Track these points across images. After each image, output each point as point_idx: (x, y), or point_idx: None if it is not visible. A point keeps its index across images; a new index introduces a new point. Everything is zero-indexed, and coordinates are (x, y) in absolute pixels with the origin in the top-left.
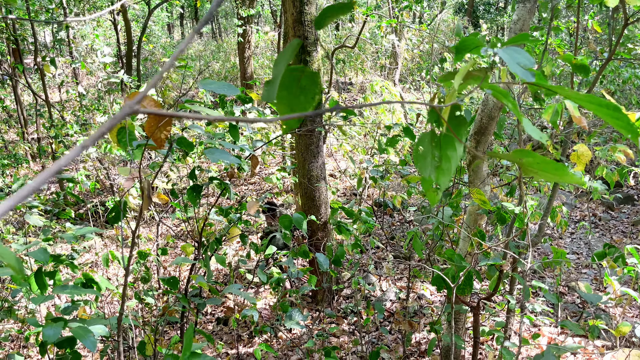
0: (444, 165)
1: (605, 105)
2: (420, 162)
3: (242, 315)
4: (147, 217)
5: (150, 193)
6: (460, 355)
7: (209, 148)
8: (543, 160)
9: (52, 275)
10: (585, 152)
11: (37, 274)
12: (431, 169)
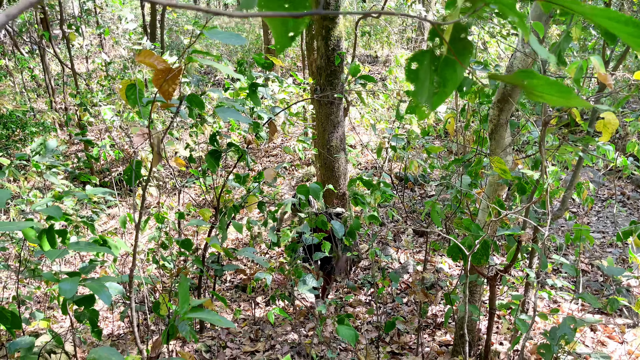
0: (441, 91)
1: (624, 22)
2: (417, 86)
3: (256, 277)
4: (169, 187)
5: (160, 149)
6: (476, 328)
7: (220, 106)
8: (547, 81)
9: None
10: (612, 120)
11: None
12: (428, 95)
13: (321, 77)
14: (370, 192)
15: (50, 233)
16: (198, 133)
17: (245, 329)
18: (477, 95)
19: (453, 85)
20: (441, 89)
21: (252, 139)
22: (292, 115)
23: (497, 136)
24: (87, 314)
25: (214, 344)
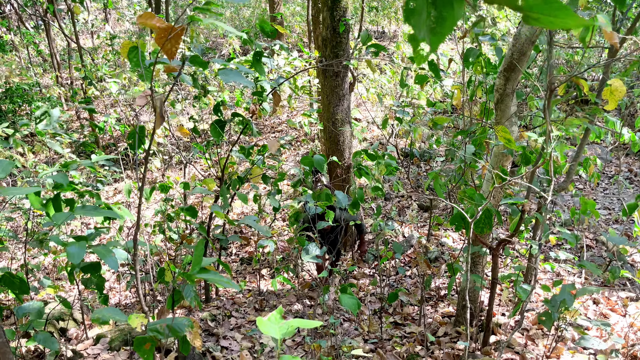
0: (439, 28)
1: None
2: (414, 19)
3: (259, 245)
4: (174, 162)
5: (162, 111)
6: (478, 298)
7: (224, 68)
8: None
9: (70, 202)
10: (620, 87)
11: (55, 198)
12: (425, 29)
13: (327, 49)
14: (375, 165)
15: (57, 200)
16: (202, 106)
17: (250, 299)
18: (484, 66)
19: (451, 23)
20: (439, 27)
21: (256, 109)
22: (298, 89)
23: (503, 106)
24: (94, 280)
25: (219, 313)
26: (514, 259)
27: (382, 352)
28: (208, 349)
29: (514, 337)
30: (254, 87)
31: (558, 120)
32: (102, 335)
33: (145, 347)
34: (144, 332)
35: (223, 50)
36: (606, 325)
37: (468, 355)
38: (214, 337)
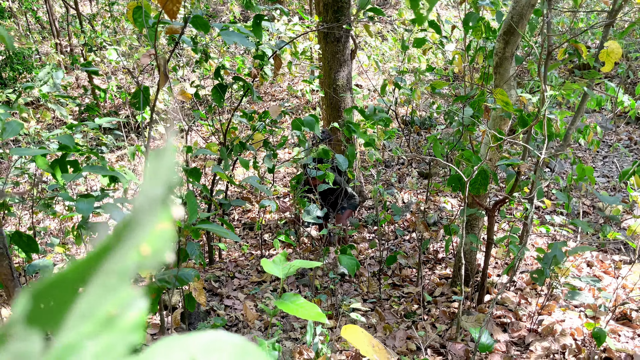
0: None
1: None
2: None
3: (260, 205)
4: (177, 129)
5: (166, 70)
6: (475, 260)
7: (225, 29)
8: None
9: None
10: (616, 48)
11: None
12: None
13: (328, 14)
14: (369, 124)
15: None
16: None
17: (253, 261)
18: (484, 31)
19: None
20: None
21: (257, 73)
22: (299, 54)
23: (502, 70)
24: None
25: (223, 274)
26: (510, 222)
27: (381, 310)
28: (212, 307)
29: (508, 295)
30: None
31: (556, 84)
32: None
33: (151, 297)
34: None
35: (223, 17)
36: (595, 282)
37: (463, 312)
38: (217, 297)
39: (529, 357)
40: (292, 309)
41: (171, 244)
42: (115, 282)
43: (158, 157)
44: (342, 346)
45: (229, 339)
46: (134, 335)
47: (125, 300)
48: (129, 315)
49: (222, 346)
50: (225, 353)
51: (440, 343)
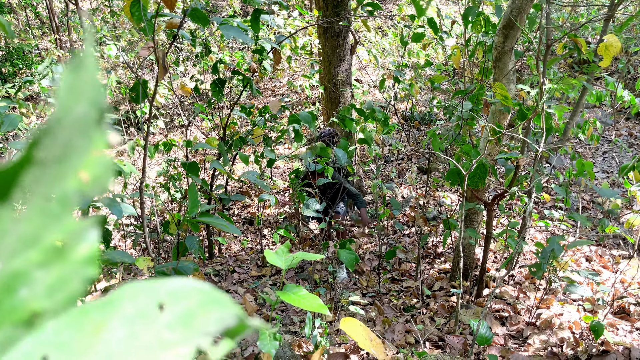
0: None
1: None
2: None
3: (259, 199)
4: (177, 124)
5: (165, 62)
6: (473, 254)
7: (224, 24)
8: None
9: None
10: (615, 42)
11: None
12: None
13: (327, 9)
14: (365, 119)
15: None
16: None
17: (253, 256)
18: (483, 26)
19: None
20: None
21: (256, 68)
22: (298, 49)
23: (501, 64)
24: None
25: (222, 268)
26: (509, 217)
27: (380, 304)
28: None
29: (507, 290)
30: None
31: (555, 79)
32: (110, 288)
33: None
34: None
35: (223, 13)
36: (593, 275)
37: (462, 305)
38: None
39: (527, 350)
40: (294, 300)
41: (111, 172)
42: (57, 209)
43: (77, 69)
44: (341, 339)
45: (197, 286)
46: (88, 270)
47: (73, 230)
48: (80, 248)
49: (190, 293)
50: (194, 300)
51: (438, 336)
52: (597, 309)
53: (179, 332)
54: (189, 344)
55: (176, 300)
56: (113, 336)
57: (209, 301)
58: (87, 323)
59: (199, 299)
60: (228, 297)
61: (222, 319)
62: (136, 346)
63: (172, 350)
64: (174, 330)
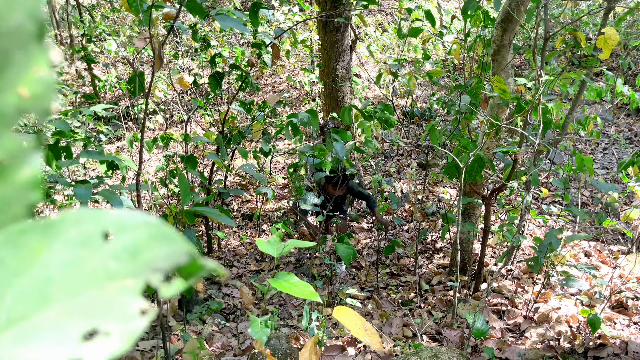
0: None
1: None
2: None
3: (257, 192)
4: (176, 120)
5: (161, 54)
6: (471, 249)
7: (221, 14)
8: None
9: (67, 149)
10: (613, 35)
11: (54, 145)
12: None
13: (327, 4)
14: (367, 118)
15: (56, 147)
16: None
17: (251, 251)
18: (482, 20)
19: None
20: None
21: (254, 62)
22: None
23: (500, 57)
24: None
25: (221, 263)
26: (509, 211)
27: (378, 298)
28: (210, 295)
29: (505, 284)
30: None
31: (552, 72)
32: None
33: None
34: None
35: (223, 6)
36: (591, 268)
37: (460, 300)
38: (216, 285)
39: (524, 344)
40: (286, 287)
41: (53, 91)
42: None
43: None
44: (339, 332)
45: (146, 219)
46: (31, 194)
47: (13, 149)
48: (22, 170)
49: (138, 225)
50: (142, 232)
51: (436, 330)
52: (595, 303)
53: (125, 263)
54: (137, 277)
55: (123, 231)
56: (54, 259)
57: (158, 235)
58: (26, 243)
59: (148, 232)
60: (179, 234)
61: (172, 255)
62: (79, 272)
63: (119, 281)
64: (121, 261)
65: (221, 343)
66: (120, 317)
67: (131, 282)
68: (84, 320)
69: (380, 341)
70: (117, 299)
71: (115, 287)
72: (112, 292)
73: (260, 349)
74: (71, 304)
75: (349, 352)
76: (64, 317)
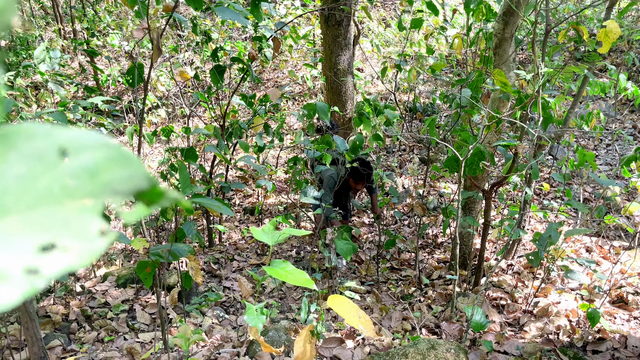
0: None
1: None
2: None
3: (257, 185)
4: (178, 114)
5: (159, 44)
6: (472, 243)
7: (219, 5)
8: None
9: None
10: (614, 28)
11: None
12: None
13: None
14: (376, 114)
15: None
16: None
17: (252, 245)
18: (485, 13)
19: None
20: None
21: (255, 55)
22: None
23: (501, 51)
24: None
25: (222, 256)
26: (511, 206)
27: (378, 292)
28: (211, 288)
29: (505, 278)
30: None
31: (551, 64)
32: (110, 274)
33: (146, 271)
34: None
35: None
36: (591, 262)
37: (459, 294)
38: (216, 279)
39: (523, 337)
40: (281, 275)
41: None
42: None
43: None
44: (338, 325)
45: (103, 140)
46: None
47: None
48: None
49: (95, 145)
50: (100, 153)
51: (435, 323)
52: (595, 297)
53: (84, 182)
54: (97, 197)
55: (80, 150)
56: (9, 171)
57: (118, 157)
58: None
59: (107, 153)
60: (139, 159)
61: (132, 178)
62: (36, 187)
63: (77, 200)
64: (79, 179)
65: (220, 335)
66: (79, 235)
67: (90, 202)
68: (42, 233)
69: (373, 328)
70: (76, 217)
71: (74, 205)
72: (71, 210)
73: (256, 337)
74: (29, 216)
75: (347, 344)
76: (22, 228)
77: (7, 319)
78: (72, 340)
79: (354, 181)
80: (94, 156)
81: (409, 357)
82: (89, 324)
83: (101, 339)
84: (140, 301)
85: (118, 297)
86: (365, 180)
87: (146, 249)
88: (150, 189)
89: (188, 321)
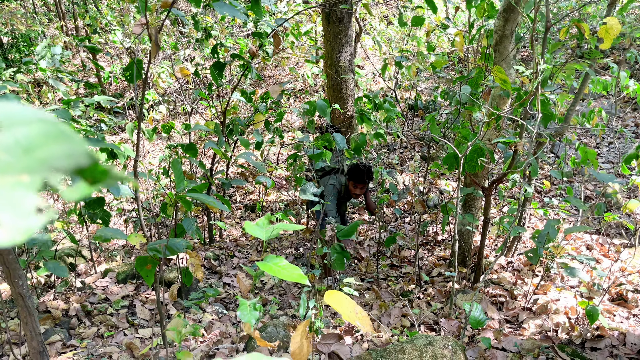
0: None
1: None
2: None
3: (256, 181)
4: (180, 111)
5: (157, 40)
6: (472, 241)
7: (217, 1)
8: None
9: None
10: (615, 25)
11: None
12: None
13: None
14: (377, 109)
15: None
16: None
17: (253, 241)
18: (486, 10)
19: None
20: None
21: (255, 51)
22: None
23: (501, 47)
24: (99, 214)
25: (222, 253)
26: (511, 203)
27: (377, 289)
28: (211, 284)
29: (505, 276)
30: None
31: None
32: (110, 270)
33: (147, 268)
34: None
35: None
36: (591, 260)
37: (459, 291)
38: (217, 275)
39: (522, 334)
40: (274, 270)
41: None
42: None
43: None
44: (337, 322)
45: (38, 114)
46: None
47: None
48: None
49: (30, 120)
50: (35, 128)
51: (434, 320)
52: (594, 295)
53: (19, 157)
54: (33, 174)
55: (13, 124)
56: None
57: (54, 133)
58: None
59: (43, 128)
60: (78, 135)
61: (71, 155)
62: None
63: (13, 175)
64: (13, 154)
65: (219, 331)
66: (13, 210)
67: (26, 178)
68: None
69: (371, 324)
70: (10, 192)
71: (8, 180)
72: (5, 185)
73: (249, 332)
74: None
75: (346, 340)
76: None
77: (7, 314)
78: (72, 335)
79: (354, 184)
80: (29, 131)
81: (406, 353)
82: (89, 319)
83: (101, 334)
84: (140, 297)
85: (118, 292)
86: (366, 182)
87: (143, 244)
88: (91, 167)
89: (187, 317)
